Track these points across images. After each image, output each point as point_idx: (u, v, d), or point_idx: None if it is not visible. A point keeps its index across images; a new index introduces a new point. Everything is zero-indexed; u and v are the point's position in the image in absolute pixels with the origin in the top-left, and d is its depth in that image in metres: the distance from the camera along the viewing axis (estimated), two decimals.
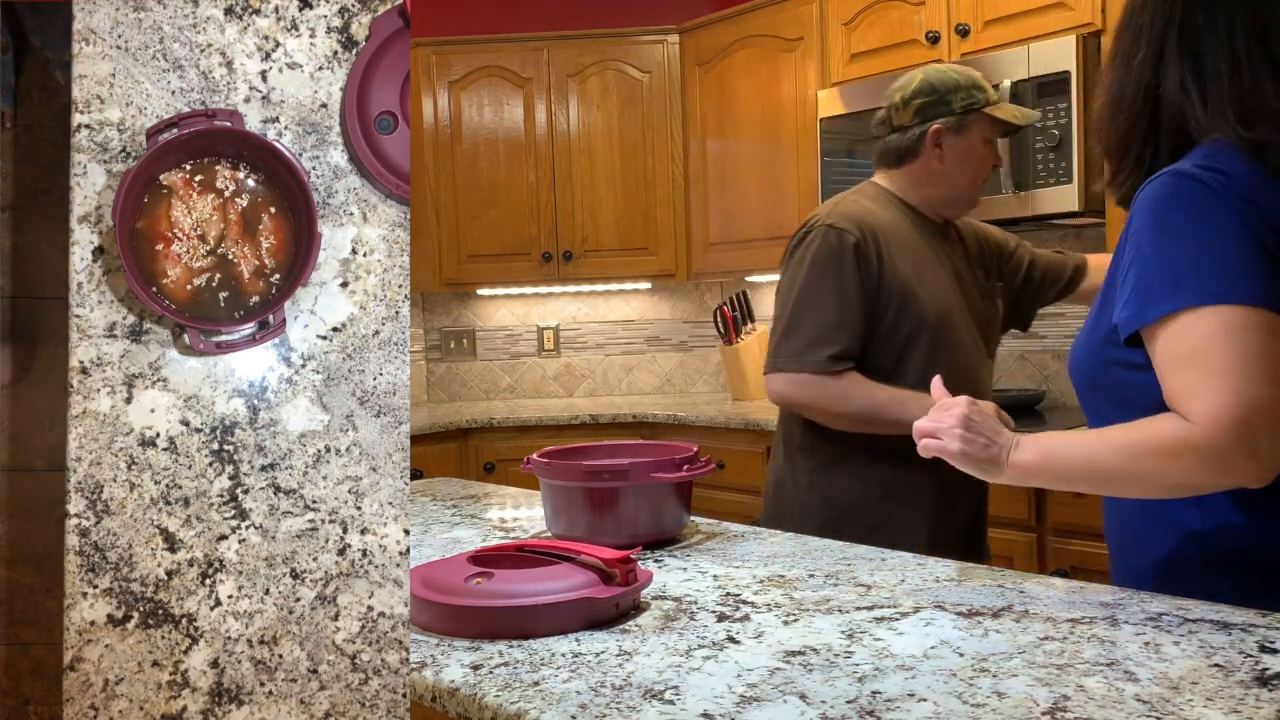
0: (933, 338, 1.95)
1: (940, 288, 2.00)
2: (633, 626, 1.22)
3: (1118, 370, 1.29)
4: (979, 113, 1.99)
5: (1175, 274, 1.20)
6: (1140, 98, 1.31)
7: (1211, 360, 1.15)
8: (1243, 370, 1.14)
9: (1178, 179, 1.23)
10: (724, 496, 3.42)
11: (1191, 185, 1.21)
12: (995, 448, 1.31)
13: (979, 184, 2.04)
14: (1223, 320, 1.16)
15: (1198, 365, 1.16)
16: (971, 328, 2.04)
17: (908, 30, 3.22)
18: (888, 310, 1.94)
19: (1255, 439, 1.13)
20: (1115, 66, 1.35)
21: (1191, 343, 1.17)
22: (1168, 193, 1.23)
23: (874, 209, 2.01)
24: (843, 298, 1.93)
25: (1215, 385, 1.14)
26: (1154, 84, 1.30)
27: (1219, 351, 1.15)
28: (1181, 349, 1.18)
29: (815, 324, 1.93)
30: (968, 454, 1.32)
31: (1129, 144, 1.33)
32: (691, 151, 4.00)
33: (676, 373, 4.46)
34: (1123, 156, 1.34)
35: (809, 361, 1.92)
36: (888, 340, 1.95)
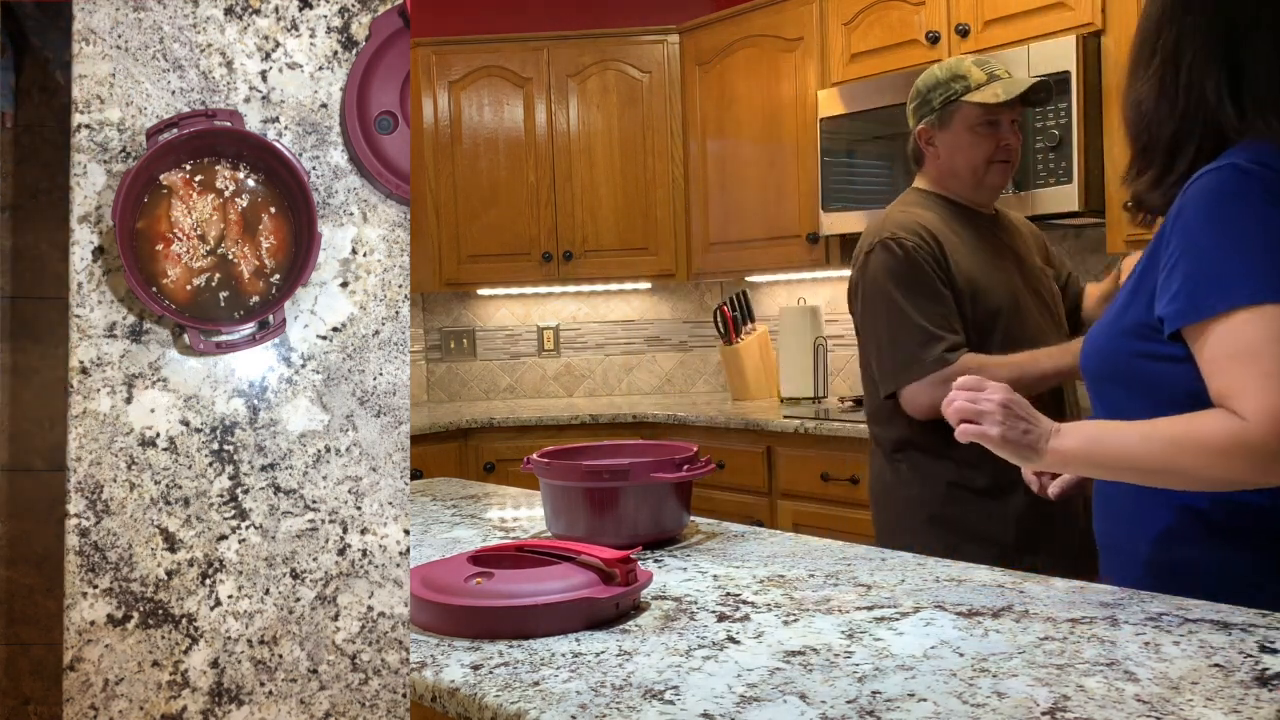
0: (1006, 324, 2.00)
1: (1004, 275, 2.05)
2: (633, 626, 1.22)
3: (1146, 362, 1.29)
4: (958, 103, 2.04)
5: (1230, 270, 1.20)
6: (1176, 98, 1.31)
7: (1266, 360, 1.16)
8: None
9: (1237, 173, 1.22)
10: (724, 496, 3.42)
11: (1249, 180, 1.21)
12: (1034, 434, 1.32)
13: (982, 168, 2.07)
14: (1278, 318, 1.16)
15: (1253, 364, 1.17)
16: (1042, 309, 2.09)
17: (908, 30, 3.22)
18: (961, 304, 1.99)
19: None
20: (1145, 66, 1.35)
21: (1246, 341, 1.18)
22: (1228, 188, 1.23)
23: (919, 212, 2.06)
24: (929, 295, 1.97)
25: (1271, 385, 1.15)
26: (1189, 84, 1.30)
27: (1276, 351, 1.16)
28: (1235, 347, 1.19)
29: (916, 329, 1.96)
30: (1007, 439, 1.33)
31: (1161, 144, 1.33)
32: (691, 151, 4.00)
33: (676, 373, 4.46)
34: (1154, 157, 1.34)
35: (928, 364, 1.95)
36: (965, 333, 1.99)
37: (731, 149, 3.85)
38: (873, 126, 3.28)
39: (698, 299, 4.43)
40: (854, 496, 3.08)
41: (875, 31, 3.32)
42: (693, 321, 4.45)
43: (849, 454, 3.10)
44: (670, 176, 4.04)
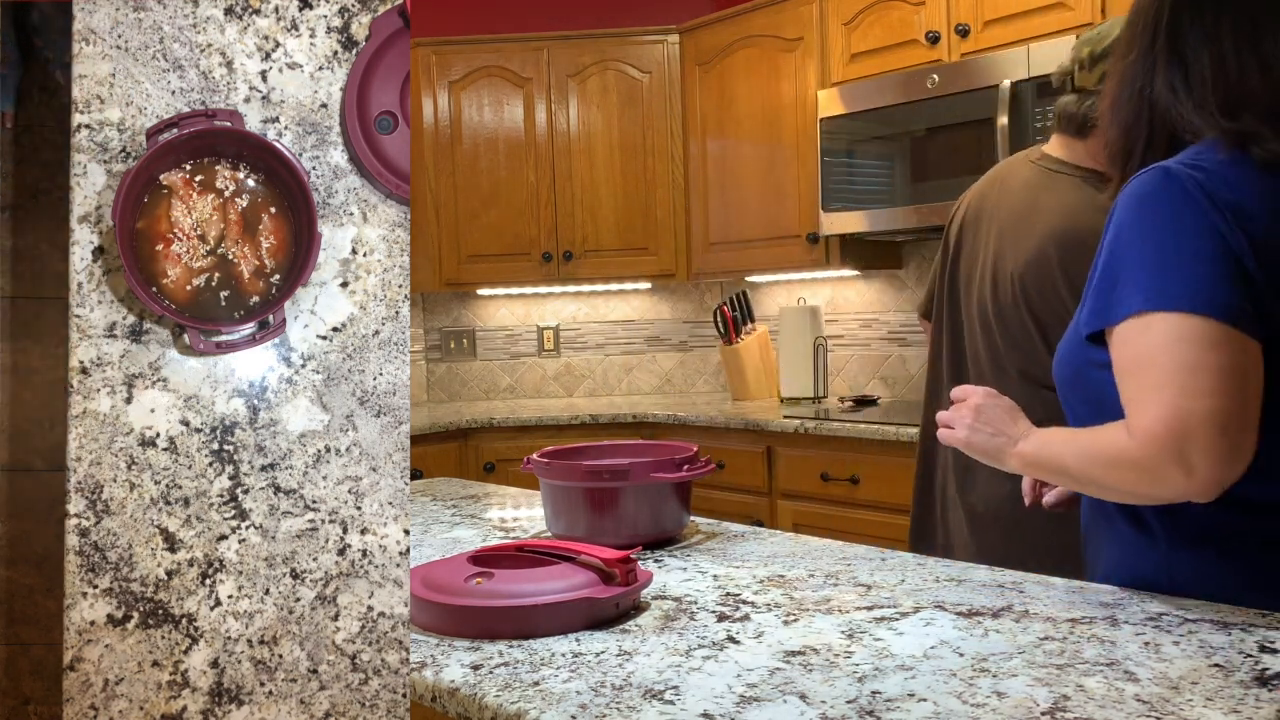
0: None
1: None
2: (633, 626, 1.22)
3: (1094, 370, 1.27)
4: None
5: (1130, 277, 1.18)
6: (1133, 101, 1.30)
7: (1154, 371, 1.13)
8: (1181, 383, 1.11)
9: (1159, 176, 1.21)
10: (724, 496, 3.42)
11: (1171, 183, 1.19)
12: (1002, 438, 1.32)
13: None
14: (1171, 329, 1.13)
15: (1141, 374, 1.15)
16: None
17: (908, 30, 3.22)
18: None
19: (1186, 454, 1.10)
20: (1113, 73, 1.35)
21: (1139, 350, 1.16)
22: (1147, 190, 1.21)
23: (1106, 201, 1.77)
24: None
25: (1153, 398, 1.13)
26: (1145, 87, 1.29)
27: (1162, 362, 1.13)
28: (1127, 357, 1.17)
29: None
30: (973, 443, 1.34)
31: (1126, 147, 1.32)
32: (691, 151, 4.00)
33: (676, 373, 4.46)
34: (1122, 160, 1.33)
35: None
36: None
37: (731, 149, 3.85)
38: (873, 126, 3.28)
39: (698, 299, 4.43)
40: (854, 496, 3.09)
41: (875, 31, 3.32)
42: (693, 321, 4.45)
43: (849, 454, 3.10)
44: (670, 176, 4.04)
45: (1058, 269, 1.78)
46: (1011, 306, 1.84)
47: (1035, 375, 1.80)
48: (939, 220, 2.88)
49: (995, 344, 1.88)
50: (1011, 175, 1.95)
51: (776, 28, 3.64)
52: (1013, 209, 1.90)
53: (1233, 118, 1.22)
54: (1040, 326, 1.80)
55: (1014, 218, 1.88)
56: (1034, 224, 1.83)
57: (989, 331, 1.90)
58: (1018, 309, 1.83)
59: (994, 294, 1.89)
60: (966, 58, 3.05)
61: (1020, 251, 1.83)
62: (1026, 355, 1.82)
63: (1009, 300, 1.84)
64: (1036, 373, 1.79)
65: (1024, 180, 1.91)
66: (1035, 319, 1.81)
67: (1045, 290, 1.79)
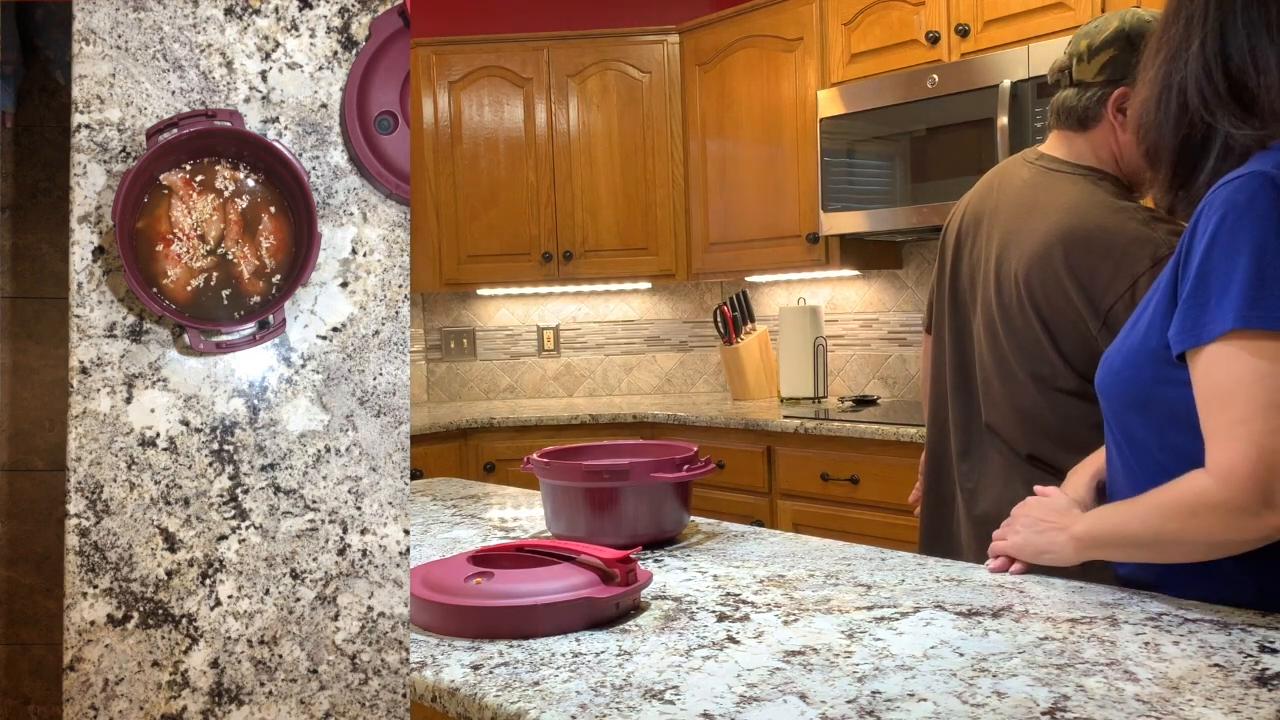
0: None
1: None
2: (633, 626, 1.22)
3: (1169, 388, 1.17)
4: None
5: (1223, 293, 1.08)
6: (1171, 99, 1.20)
7: (1241, 401, 1.05)
8: (1268, 417, 1.04)
9: (1259, 182, 1.09)
10: (724, 496, 3.42)
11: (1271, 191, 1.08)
12: (1053, 530, 1.26)
13: None
14: (1264, 351, 1.05)
15: (1222, 409, 1.07)
16: None
17: (908, 30, 3.22)
18: None
19: (1275, 491, 1.04)
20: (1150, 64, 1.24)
21: (1219, 378, 1.07)
22: (1241, 198, 1.09)
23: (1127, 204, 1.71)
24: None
25: (1237, 431, 1.05)
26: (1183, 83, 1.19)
27: (1251, 392, 1.04)
28: (1210, 384, 1.08)
29: None
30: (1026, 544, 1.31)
31: (1165, 148, 1.22)
32: (691, 151, 4.00)
33: (676, 373, 4.46)
34: (1159, 161, 1.23)
35: None
36: None
37: (731, 149, 3.85)
38: (873, 126, 3.28)
39: (698, 299, 4.43)
40: (854, 496, 3.09)
41: (875, 31, 3.32)
42: (693, 321, 4.45)
43: (849, 454, 3.10)
44: (670, 176, 4.05)
45: (1062, 267, 1.77)
46: (1017, 308, 1.83)
47: (1045, 376, 1.79)
48: (939, 220, 2.88)
49: (1002, 349, 1.87)
50: (1010, 177, 1.94)
51: (776, 28, 3.64)
52: (1013, 210, 1.89)
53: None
54: (1046, 326, 1.79)
55: (1015, 218, 1.87)
56: (1036, 223, 1.82)
57: (995, 336, 1.89)
58: (1023, 310, 1.82)
59: (999, 297, 1.88)
60: (966, 58, 3.05)
61: (1023, 251, 1.83)
62: (1035, 357, 1.81)
63: (1014, 302, 1.83)
64: (1046, 373, 1.78)
65: (1023, 181, 1.90)
66: (1041, 319, 1.80)
67: (1050, 289, 1.78)
